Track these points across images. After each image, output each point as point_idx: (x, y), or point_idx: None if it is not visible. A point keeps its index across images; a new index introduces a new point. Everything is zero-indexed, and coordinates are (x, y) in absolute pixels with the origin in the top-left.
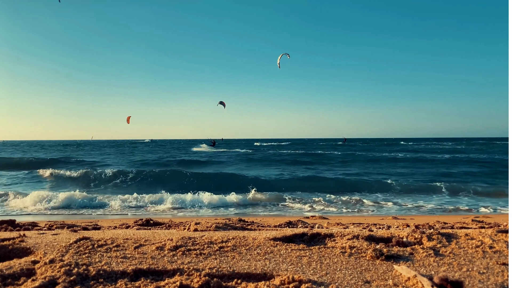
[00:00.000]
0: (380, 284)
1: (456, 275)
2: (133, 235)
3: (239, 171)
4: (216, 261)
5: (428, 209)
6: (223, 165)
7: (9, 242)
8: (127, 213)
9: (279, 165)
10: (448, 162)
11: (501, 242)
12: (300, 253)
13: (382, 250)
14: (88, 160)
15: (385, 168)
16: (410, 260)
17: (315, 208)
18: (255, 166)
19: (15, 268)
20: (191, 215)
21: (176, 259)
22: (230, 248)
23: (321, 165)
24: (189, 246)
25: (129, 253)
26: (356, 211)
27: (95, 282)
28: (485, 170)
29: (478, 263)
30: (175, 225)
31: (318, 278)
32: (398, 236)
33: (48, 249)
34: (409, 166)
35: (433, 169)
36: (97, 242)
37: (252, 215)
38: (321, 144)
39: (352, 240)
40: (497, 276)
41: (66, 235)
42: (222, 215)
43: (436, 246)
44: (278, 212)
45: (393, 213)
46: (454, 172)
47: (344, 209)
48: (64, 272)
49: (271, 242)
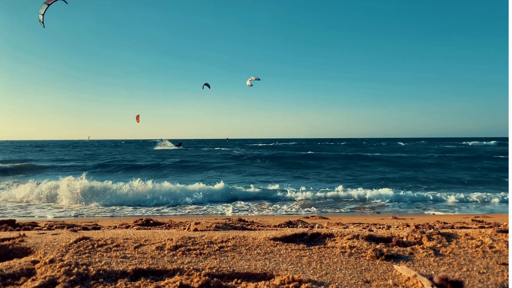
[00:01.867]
0: (380, 284)
1: (456, 275)
2: (133, 235)
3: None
4: (216, 261)
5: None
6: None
7: (9, 242)
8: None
9: (206, 172)
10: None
11: (501, 242)
12: (300, 253)
13: (382, 250)
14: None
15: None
16: (410, 260)
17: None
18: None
19: (15, 268)
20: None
21: (176, 259)
22: (230, 248)
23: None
24: (189, 246)
25: (129, 253)
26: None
27: (95, 282)
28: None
29: (478, 263)
30: (175, 225)
31: (318, 278)
32: (398, 236)
33: (48, 249)
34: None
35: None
36: (97, 242)
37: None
38: (319, 144)
39: (352, 240)
40: (497, 276)
41: (66, 235)
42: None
43: (436, 246)
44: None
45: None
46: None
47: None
48: (64, 272)
49: (271, 242)
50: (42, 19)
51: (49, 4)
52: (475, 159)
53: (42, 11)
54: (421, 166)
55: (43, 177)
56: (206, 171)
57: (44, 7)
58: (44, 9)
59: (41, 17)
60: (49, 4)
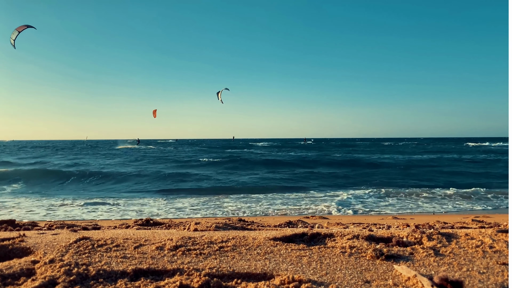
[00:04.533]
0: (380, 284)
1: (456, 275)
2: (133, 235)
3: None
4: (216, 261)
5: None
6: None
7: (9, 242)
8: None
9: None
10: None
11: (501, 242)
12: (300, 253)
13: (382, 250)
14: None
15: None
16: (410, 260)
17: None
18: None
19: (15, 268)
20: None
21: (176, 259)
22: (230, 248)
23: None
24: (189, 246)
25: (129, 253)
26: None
27: (95, 282)
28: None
29: (478, 263)
30: (175, 225)
31: (318, 278)
32: (398, 236)
33: (48, 249)
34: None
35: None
36: (97, 242)
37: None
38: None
39: (352, 240)
40: (497, 276)
41: (66, 235)
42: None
43: (436, 246)
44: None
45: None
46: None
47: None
48: (64, 272)
49: (271, 242)
50: (13, 43)
51: (19, 31)
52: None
53: (14, 37)
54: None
55: None
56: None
57: (15, 33)
58: (16, 35)
59: (12, 42)
60: (19, 31)
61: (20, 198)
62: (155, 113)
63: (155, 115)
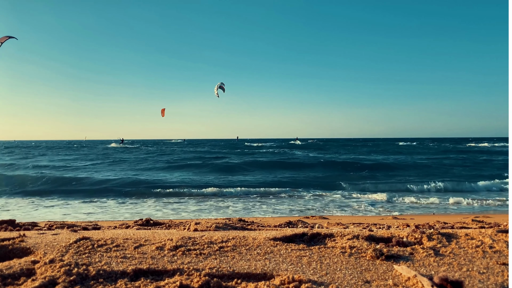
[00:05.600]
0: (380, 284)
1: (456, 275)
2: (133, 235)
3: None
4: (216, 261)
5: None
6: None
7: (9, 242)
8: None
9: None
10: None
11: (501, 242)
12: (300, 253)
13: (382, 250)
14: None
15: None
16: (410, 260)
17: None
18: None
19: (15, 268)
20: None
21: (176, 259)
22: (230, 248)
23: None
24: (189, 246)
25: (129, 253)
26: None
27: (95, 282)
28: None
29: (478, 263)
30: (175, 225)
31: (318, 278)
32: (398, 236)
33: (48, 249)
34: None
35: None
36: (97, 242)
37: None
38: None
39: (352, 240)
40: (497, 276)
41: (66, 235)
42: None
43: (436, 246)
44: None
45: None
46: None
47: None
48: (64, 272)
49: (271, 242)
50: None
51: (2, 42)
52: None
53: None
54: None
55: None
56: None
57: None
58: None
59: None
60: (2, 42)
61: None
62: (163, 112)
63: (163, 114)
